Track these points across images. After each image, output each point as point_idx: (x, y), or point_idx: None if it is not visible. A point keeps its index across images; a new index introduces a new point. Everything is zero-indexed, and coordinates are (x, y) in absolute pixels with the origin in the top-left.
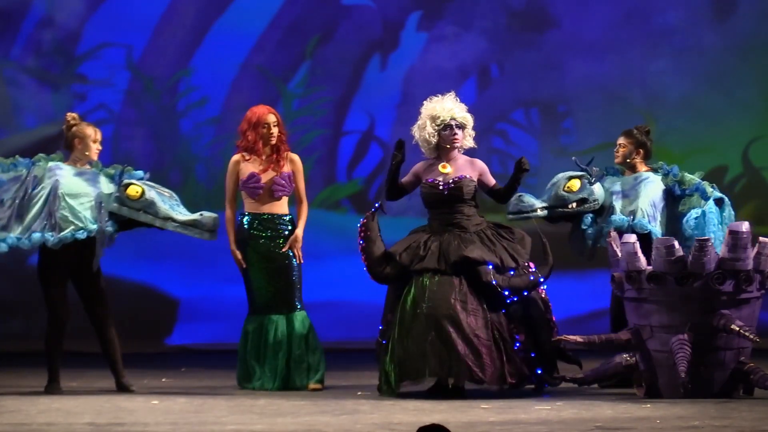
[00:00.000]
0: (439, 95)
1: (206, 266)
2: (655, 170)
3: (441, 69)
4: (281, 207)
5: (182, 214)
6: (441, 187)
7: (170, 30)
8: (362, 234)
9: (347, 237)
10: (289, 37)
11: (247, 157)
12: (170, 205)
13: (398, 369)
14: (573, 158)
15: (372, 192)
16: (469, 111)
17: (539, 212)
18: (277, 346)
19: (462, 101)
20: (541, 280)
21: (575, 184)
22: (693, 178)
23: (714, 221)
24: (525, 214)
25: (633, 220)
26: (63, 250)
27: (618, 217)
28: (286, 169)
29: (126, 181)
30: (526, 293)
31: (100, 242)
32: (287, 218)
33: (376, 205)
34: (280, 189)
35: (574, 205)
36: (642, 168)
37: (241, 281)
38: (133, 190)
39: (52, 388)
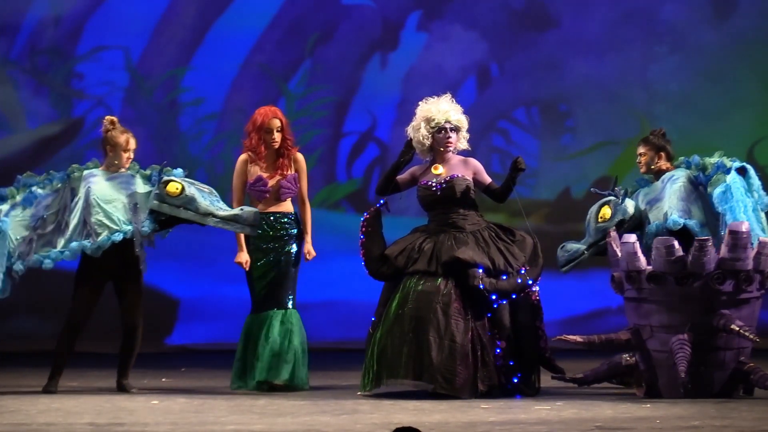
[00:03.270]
0: (435, 96)
1: (206, 266)
2: (677, 167)
3: (441, 69)
4: (286, 206)
5: (222, 209)
6: (434, 188)
7: (170, 30)
8: (363, 230)
9: (346, 236)
10: (290, 36)
11: (254, 158)
12: (210, 201)
13: (377, 367)
14: (592, 189)
15: (371, 191)
16: (469, 111)
17: (586, 254)
18: (272, 343)
19: (462, 101)
20: (530, 282)
21: (606, 212)
22: (712, 160)
23: (740, 190)
24: (575, 261)
25: (665, 221)
26: (103, 255)
27: (651, 225)
28: (292, 170)
29: (165, 178)
30: (514, 296)
31: (138, 243)
32: (292, 216)
33: (381, 201)
34: (286, 192)
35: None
36: (666, 169)
37: (241, 281)
38: (173, 187)
39: (50, 386)
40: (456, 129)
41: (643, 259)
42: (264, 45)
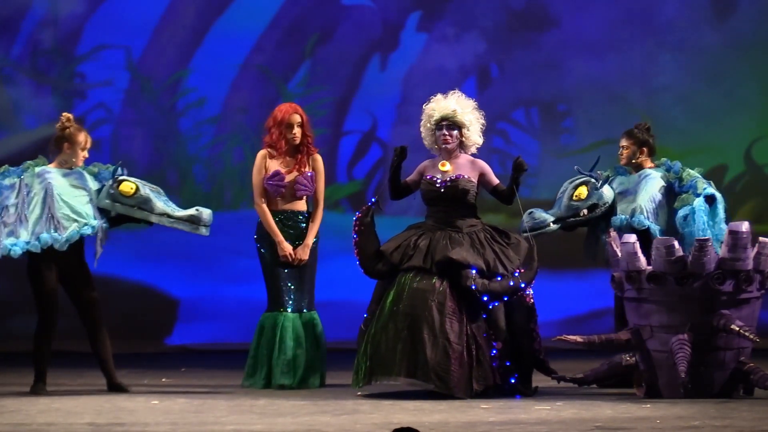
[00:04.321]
0: (442, 94)
1: (206, 266)
2: (658, 167)
3: (441, 69)
4: (300, 204)
5: (177, 209)
6: (438, 185)
7: (170, 30)
8: (356, 229)
9: (347, 237)
10: (289, 37)
11: (273, 154)
12: (164, 202)
13: (370, 363)
14: (575, 167)
15: (370, 192)
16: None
17: (552, 226)
18: (297, 344)
19: None
20: (523, 285)
21: (583, 191)
22: (691, 173)
23: (702, 219)
24: (539, 230)
25: (632, 217)
26: (50, 252)
27: (617, 217)
28: (309, 169)
29: (119, 177)
30: (506, 298)
31: (101, 239)
32: (307, 215)
33: (373, 200)
34: (302, 189)
35: (586, 212)
36: (647, 165)
37: (241, 281)
38: (127, 187)
39: (38, 389)
40: (457, 126)
41: (643, 259)
42: (264, 45)
